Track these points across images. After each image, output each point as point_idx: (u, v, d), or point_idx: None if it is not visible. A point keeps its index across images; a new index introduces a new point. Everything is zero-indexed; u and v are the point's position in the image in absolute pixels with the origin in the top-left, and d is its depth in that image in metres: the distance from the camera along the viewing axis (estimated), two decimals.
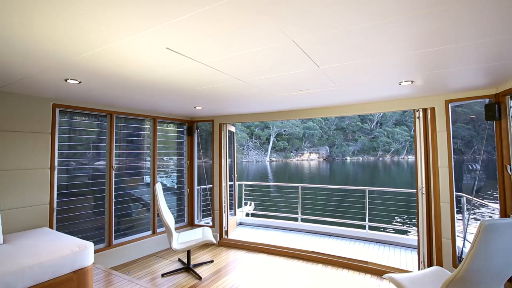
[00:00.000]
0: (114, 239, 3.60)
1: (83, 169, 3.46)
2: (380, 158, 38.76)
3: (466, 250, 2.86)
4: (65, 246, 2.29)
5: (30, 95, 2.82)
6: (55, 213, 3.03)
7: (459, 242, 2.93)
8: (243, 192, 6.22)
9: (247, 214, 5.94)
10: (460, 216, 3.26)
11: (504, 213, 2.47)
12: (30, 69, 1.98)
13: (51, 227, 2.96)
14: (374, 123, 40.40)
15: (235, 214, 5.13)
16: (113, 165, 3.61)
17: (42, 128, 2.93)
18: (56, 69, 1.97)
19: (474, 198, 2.98)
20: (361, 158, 39.38)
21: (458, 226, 3.00)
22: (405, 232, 5.23)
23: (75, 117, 3.37)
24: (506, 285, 2.33)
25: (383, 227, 4.87)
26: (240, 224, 5.45)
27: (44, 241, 2.39)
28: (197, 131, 4.83)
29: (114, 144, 3.65)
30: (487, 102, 2.67)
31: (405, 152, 38.23)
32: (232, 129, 4.95)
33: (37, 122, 2.89)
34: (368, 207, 4.76)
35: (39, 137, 2.90)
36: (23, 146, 2.78)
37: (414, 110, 3.17)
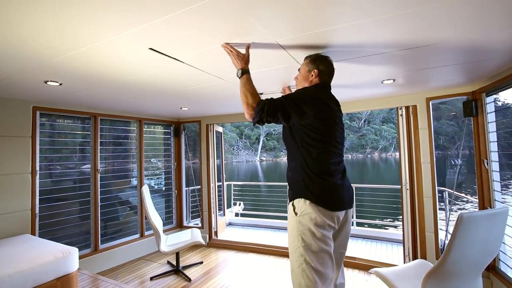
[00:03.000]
0: (101, 244, 3.53)
1: (67, 173, 3.37)
2: (369, 155, 39.40)
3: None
4: (48, 253, 2.23)
5: (8, 98, 2.73)
6: (37, 219, 2.94)
7: (442, 235, 3.02)
8: (232, 192, 6.22)
9: (237, 214, 5.94)
10: (443, 211, 3.36)
11: (482, 206, 2.56)
12: (7, 71, 1.91)
13: (33, 233, 2.87)
14: (362, 121, 41.01)
15: (224, 215, 5.11)
16: (98, 168, 3.54)
17: (22, 131, 2.84)
18: (35, 70, 1.92)
19: (455, 192, 3.08)
20: (350, 156, 39.94)
21: (442, 220, 3.09)
22: (391, 227, 5.35)
23: (58, 120, 3.29)
24: (484, 274, 2.42)
25: (370, 223, 4.97)
26: (230, 224, 5.45)
27: (26, 248, 2.32)
28: (184, 132, 4.79)
29: (99, 147, 3.57)
30: (465, 99, 2.77)
31: (392, 149, 39.01)
32: (220, 129, 4.93)
33: (17, 126, 2.80)
34: (356, 203, 4.84)
35: (19, 141, 2.81)
36: (2, 151, 2.69)
37: (397, 108, 3.25)
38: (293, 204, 1.48)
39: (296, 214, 1.44)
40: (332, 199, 1.44)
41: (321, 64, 1.58)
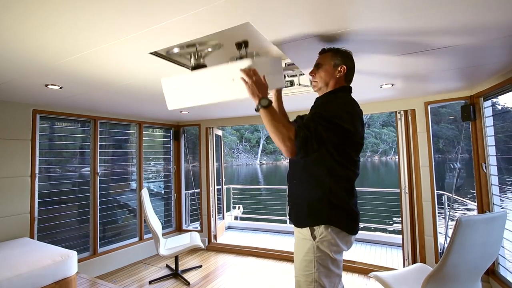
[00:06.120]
0: (100, 247, 3.52)
1: (66, 176, 3.37)
2: (369, 159, 39.33)
3: None
4: (47, 256, 2.22)
5: (9, 101, 2.74)
6: (36, 222, 2.93)
7: (441, 239, 3.02)
8: (231, 195, 6.21)
9: (236, 218, 5.92)
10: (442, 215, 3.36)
11: (481, 210, 2.57)
12: (8, 74, 1.93)
13: (31, 237, 2.86)
14: None
15: (223, 218, 5.10)
16: (98, 171, 3.54)
17: (22, 134, 2.85)
18: (35, 74, 1.93)
19: (454, 196, 3.08)
20: None
21: (441, 224, 3.09)
22: (391, 231, 5.33)
23: (58, 123, 3.30)
24: (483, 278, 2.41)
25: (370, 226, 4.96)
26: (229, 228, 5.43)
27: (24, 251, 2.32)
28: (184, 136, 4.80)
29: (99, 150, 3.58)
30: (463, 103, 2.79)
31: (392, 152, 38.93)
32: (219, 133, 4.94)
33: (17, 129, 2.81)
34: None
35: (18, 144, 2.82)
36: (2, 154, 2.69)
37: (396, 112, 3.27)
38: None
39: (314, 238, 1.34)
40: (355, 223, 1.40)
41: (349, 60, 1.41)
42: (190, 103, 1.48)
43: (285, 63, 2.22)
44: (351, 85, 1.49)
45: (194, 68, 1.48)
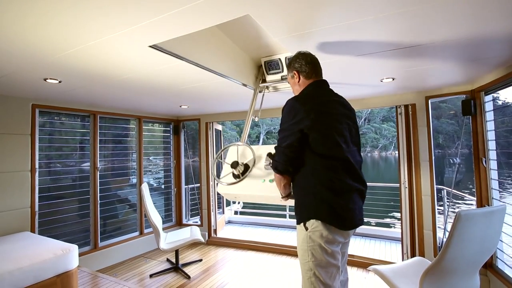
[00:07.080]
0: (100, 241, 3.54)
1: (67, 171, 3.38)
2: (369, 154, 39.30)
3: None
4: (48, 250, 2.24)
5: (8, 95, 2.73)
6: (37, 217, 2.94)
7: (440, 233, 3.03)
8: None
9: (236, 212, 5.95)
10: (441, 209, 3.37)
11: (480, 204, 2.57)
12: (6, 68, 1.91)
13: (33, 231, 2.88)
14: (362, 119, 40.87)
15: (223, 213, 5.12)
16: (98, 166, 3.54)
17: (21, 129, 2.84)
18: (34, 67, 1.92)
19: (453, 191, 3.09)
20: None
21: (440, 218, 3.11)
22: (390, 225, 5.36)
23: (57, 118, 3.28)
24: (481, 271, 2.44)
25: (369, 221, 4.98)
26: (229, 222, 5.46)
27: (25, 245, 2.33)
28: (183, 130, 4.79)
29: (98, 145, 3.58)
30: (464, 98, 2.77)
31: (392, 147, 38.90)
32: (219, 127, 4.93)
33: (16, 123, 2.80)
34: None
35: (18, 139, 2.81)
36: (1, 149, 2.69)
37: (396, 106, 3.26)
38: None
39: (306, 228, 1.39)
40: (343, 218, 1.38)
41: (295, 63, 1.54)
42: (244, 200, 2.27)
43: (285, 57, 2.21)
44: (323, 78, 1.56)
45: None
